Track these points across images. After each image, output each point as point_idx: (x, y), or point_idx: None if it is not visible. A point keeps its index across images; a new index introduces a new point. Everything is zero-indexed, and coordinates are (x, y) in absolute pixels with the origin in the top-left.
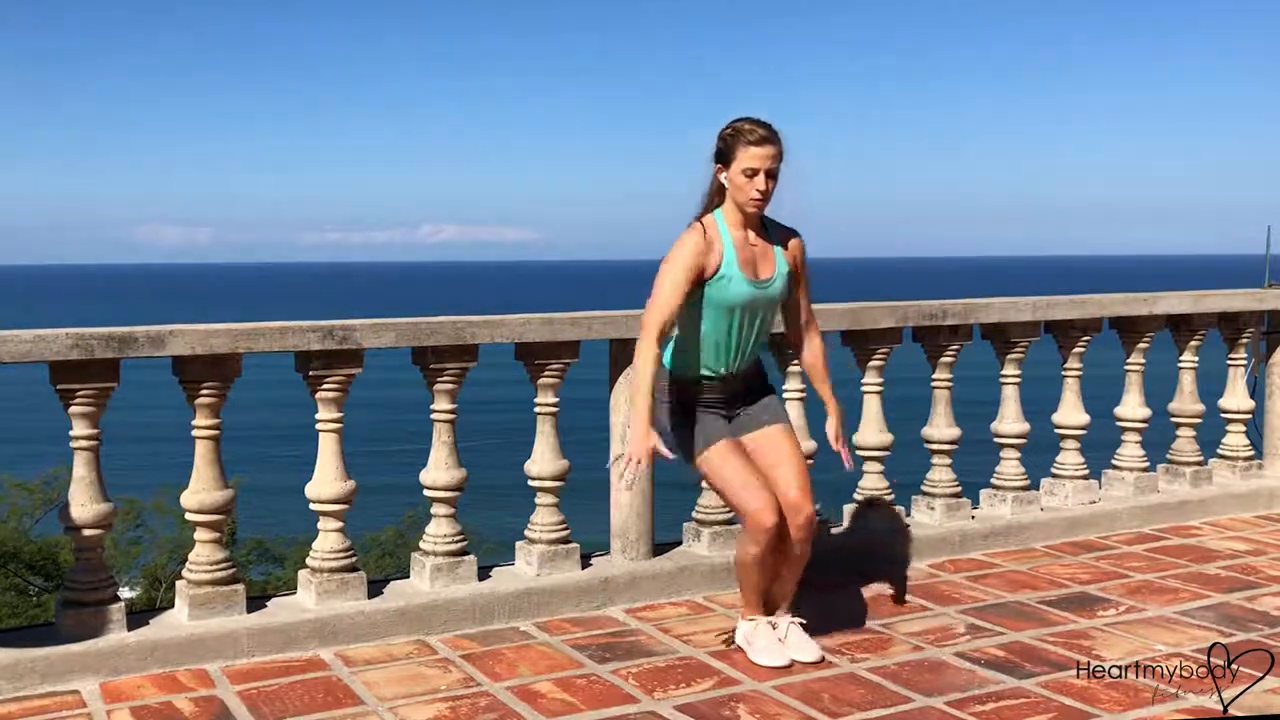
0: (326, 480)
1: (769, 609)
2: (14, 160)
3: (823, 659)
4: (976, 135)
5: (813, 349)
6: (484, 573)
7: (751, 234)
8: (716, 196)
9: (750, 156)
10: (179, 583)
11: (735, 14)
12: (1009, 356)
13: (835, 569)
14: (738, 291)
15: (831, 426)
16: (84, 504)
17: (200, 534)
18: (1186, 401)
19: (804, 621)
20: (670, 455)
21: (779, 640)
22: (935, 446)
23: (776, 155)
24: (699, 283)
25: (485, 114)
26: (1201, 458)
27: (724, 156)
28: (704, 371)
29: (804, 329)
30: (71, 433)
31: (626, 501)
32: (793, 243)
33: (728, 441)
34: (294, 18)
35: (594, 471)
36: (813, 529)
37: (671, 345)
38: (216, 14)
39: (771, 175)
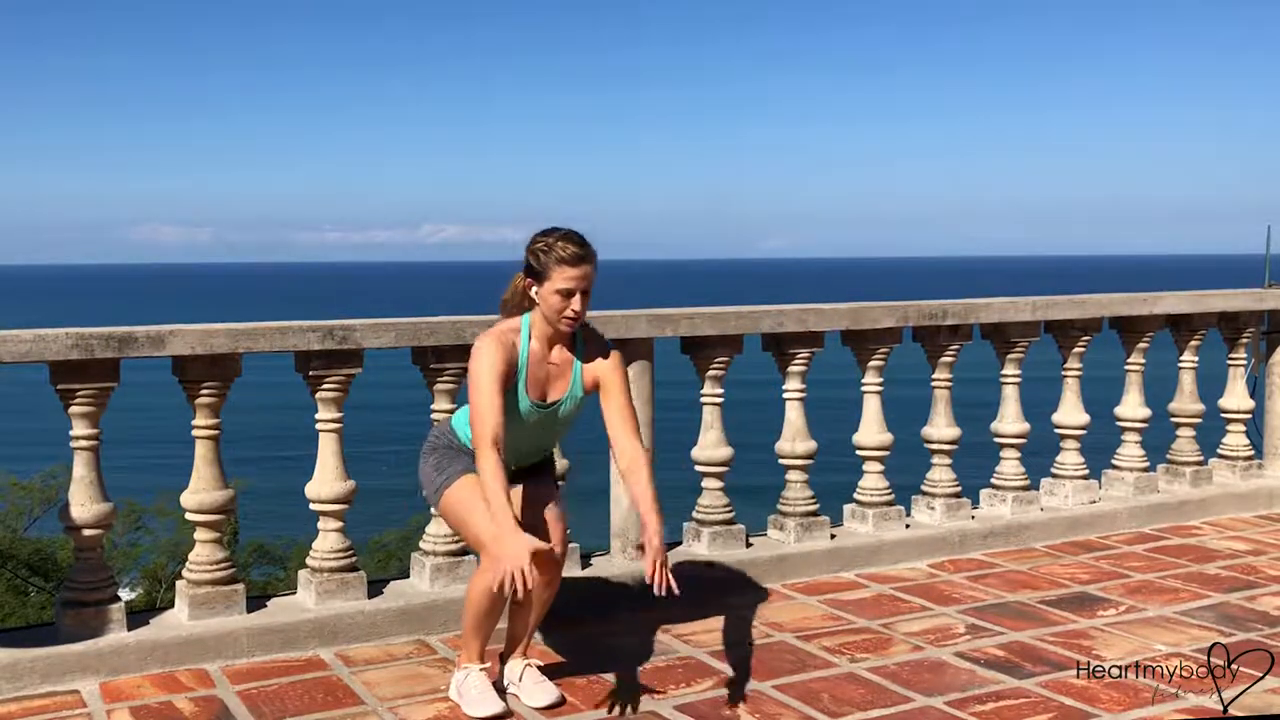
0: (326, 480)
1: (506, 652)
2: (14, 160)
3: (562, 701)
4: (976, 135)
5: (628, 455)
6: None
7: (555, 350)
8: (523, 302)
9: (565, 277)
10: (179, 583)
11: (735, 13)
12: (1009, 356)
13: (834, 571)
14: (522, 409)
15: (649, 546)
16: (84, 504)
17: (200, 534)
18: (1186, 401)
19: (540, 664)
20: (530, 581)
21: (513, 683)
22: (935, 446)
23: (590, 274)
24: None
25: (485, 114)
26: (1201, 458)
27: (535, 273)
28: None
29: (618, 438)
30: (71, 433)
31: (626, 502)
32: (600, 363)
33: (473, 477)
34: (294, 17)
35: (594, 472)
36: (558, 571)
37: (463, 419)
38: (217, 13)
39: (586, 295)
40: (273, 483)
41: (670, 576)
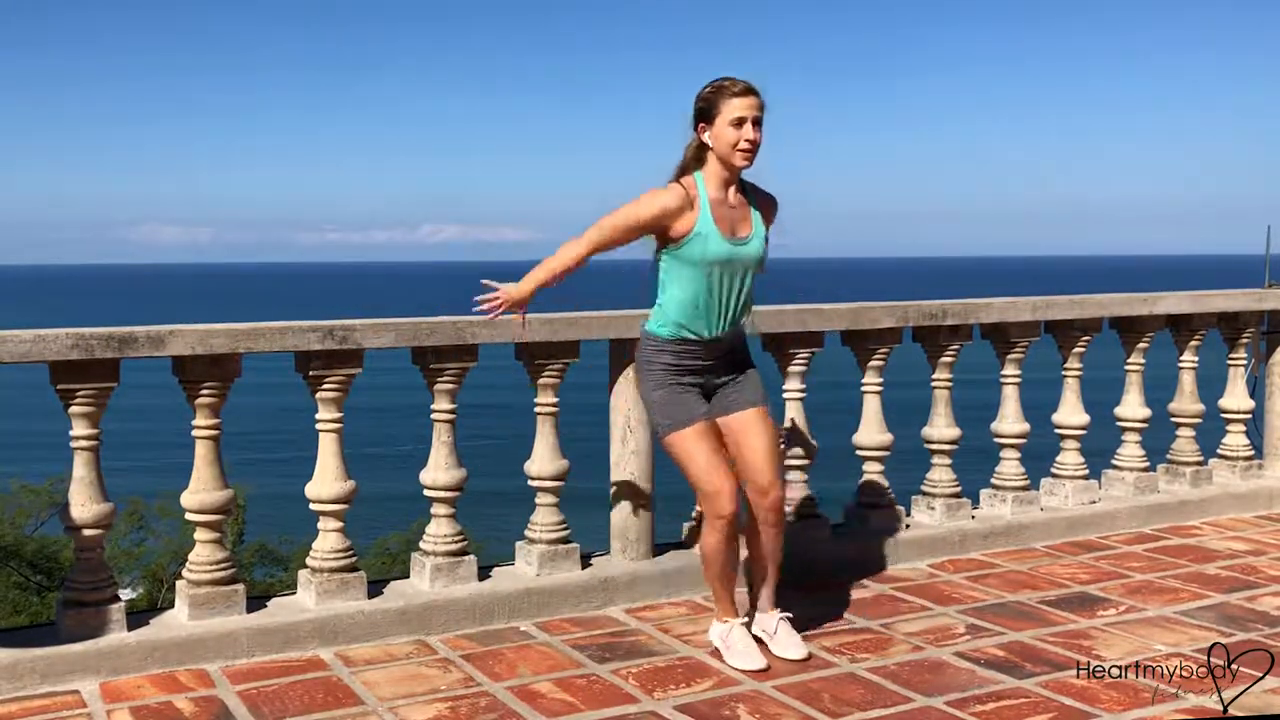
0: (326, 480)
1: (751, 606)
2: (13, 160)
3: (809, 656)
4: (976, 135)
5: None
6: (484, 573)
7: (731, 194)
8: (694, 161)
9: (736, 106)
10: (179, 583)
11: (735, 13)
12: (1009, 356)
13: (831, 571)
14: (714, 249)
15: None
16: (84, 504)
17: (200, 534)
18: (1186, 401)
19: (791, 616)
20: (522, 331)
21: (766, 635)
22: (935, 446)
23: (761, 105)
24: (671, 240)
25: (485, 113)
26: (1201, 458)
27: (707, 114)
28: (687, 334)
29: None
30: (71, 433)
31: (626, 502)
32: (772, 209)
33: (701, 425)
34: (294, 17)
35: (594, 472)
36: (782, 513)
37: (656, 310)
38: (217, 13)
39: (758, 124)
40: (275, 484)
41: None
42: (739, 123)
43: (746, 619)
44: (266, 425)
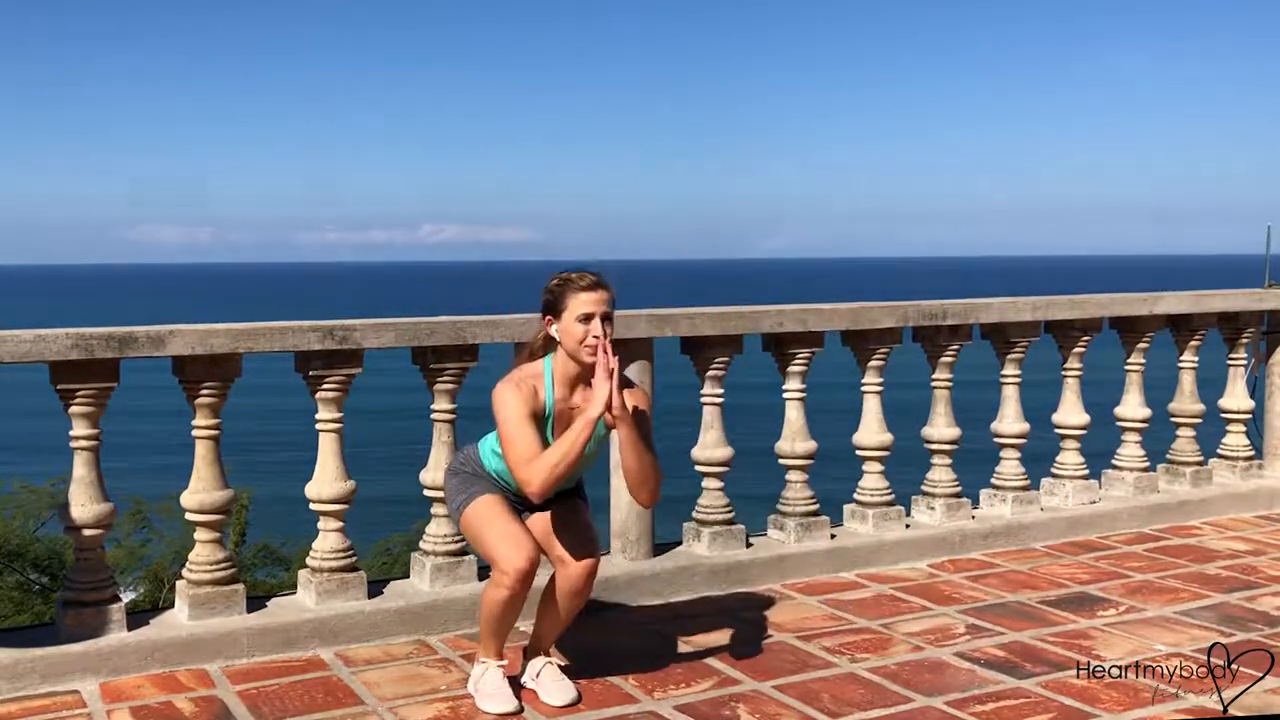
0: (326, 480)
1: (529, 649)
2: (13, 159)
3: (579, 699)
4: (976, 135)
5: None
6: (484, 573)
7: (576, 393)
8: (540, 351)
9: (583, 301)
10: (179, 583)
11: (735, 13)
12: (1009, 356)
13: (830, 571)
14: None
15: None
16: (84, 504)
17: (200, 534)
18: (1186, 401)
19: (563, 663)
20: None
21: (532, 680)
22: (935, 446)
23: (610, 300)
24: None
25: (485, 113)
26: (1201, 458)
27: (553, 308)
28: (513, 485)
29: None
30: (71, 433)
31: (626, 502)
32: (629, 393)
33: (502, 499)
34: (294, 17)
35: (593, 474)
36: (591, 583)
37: (488, 442)
38: (217, 13)
39: (607, 319)
40: (277, 486)
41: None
42: (586, 318)
43: (504, 663)
44: (267, 427)
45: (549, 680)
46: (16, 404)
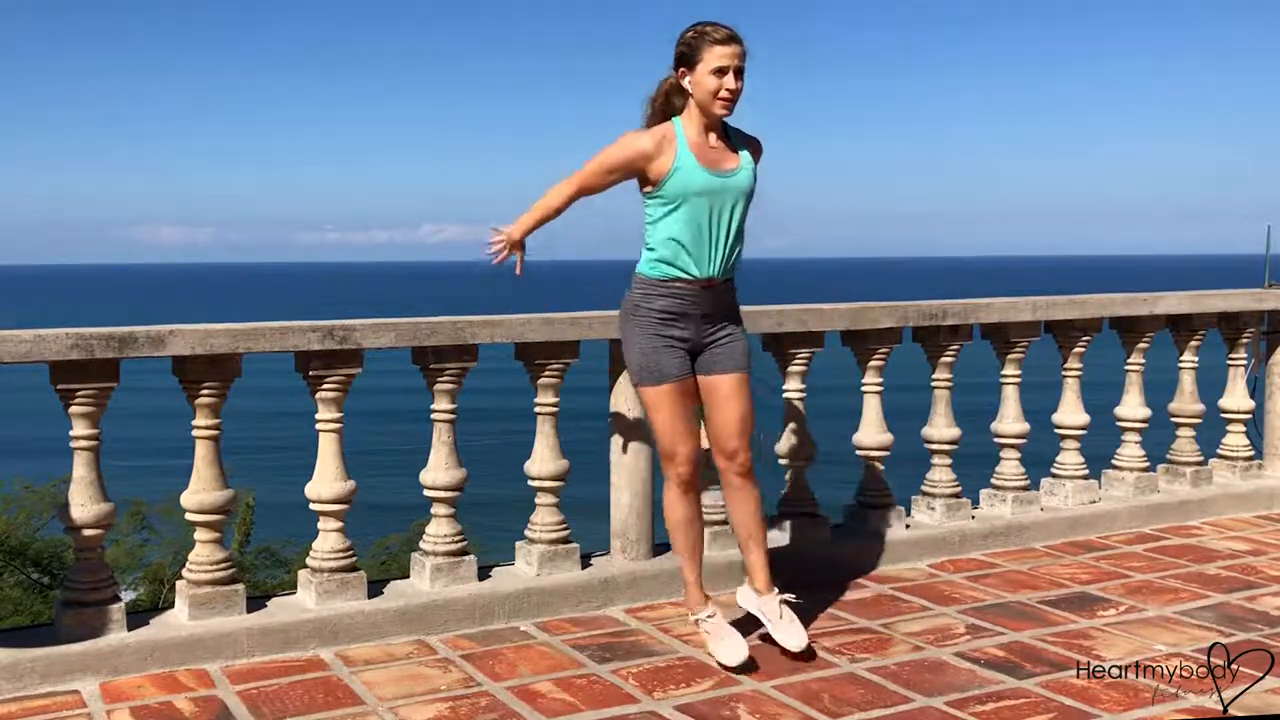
0: (326, 480)
1: (754, 583)
2: (14, 159)
3: (808, 649)
4: (976, 134)
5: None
6: (484, 573)
7: (712, 138)
8: (666, 102)
9: (718, 55)
10: (179, 583)
11: (734, 11)
12: (1009, 356)
13: (831, 571)
14: (697, 181)
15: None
16: (84, 504)
17: (200, 534)
18: (1186, 401)
19: (793, 599)
20: (519, 271)
21: (766, 619)
22: (935, 446)
23: (743, 54)
24: (652, 183)
25: (485, 113)
26: (1201, 458)
27: (688, 60)
28: (678, 274)
29: None
30: (71, 433)
31: (626, 502)
32: (757, 150)
33: (676, 385)
34: (294, 17)
35: (593, 473)
36: (751, 475)
37: (645, 254)
38: (217, 13)
39: (739, 74)
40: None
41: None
42: (720, 71)
43: (714, 612)
44: (267, 428)
45: (786, 621)
46: (17, 405)
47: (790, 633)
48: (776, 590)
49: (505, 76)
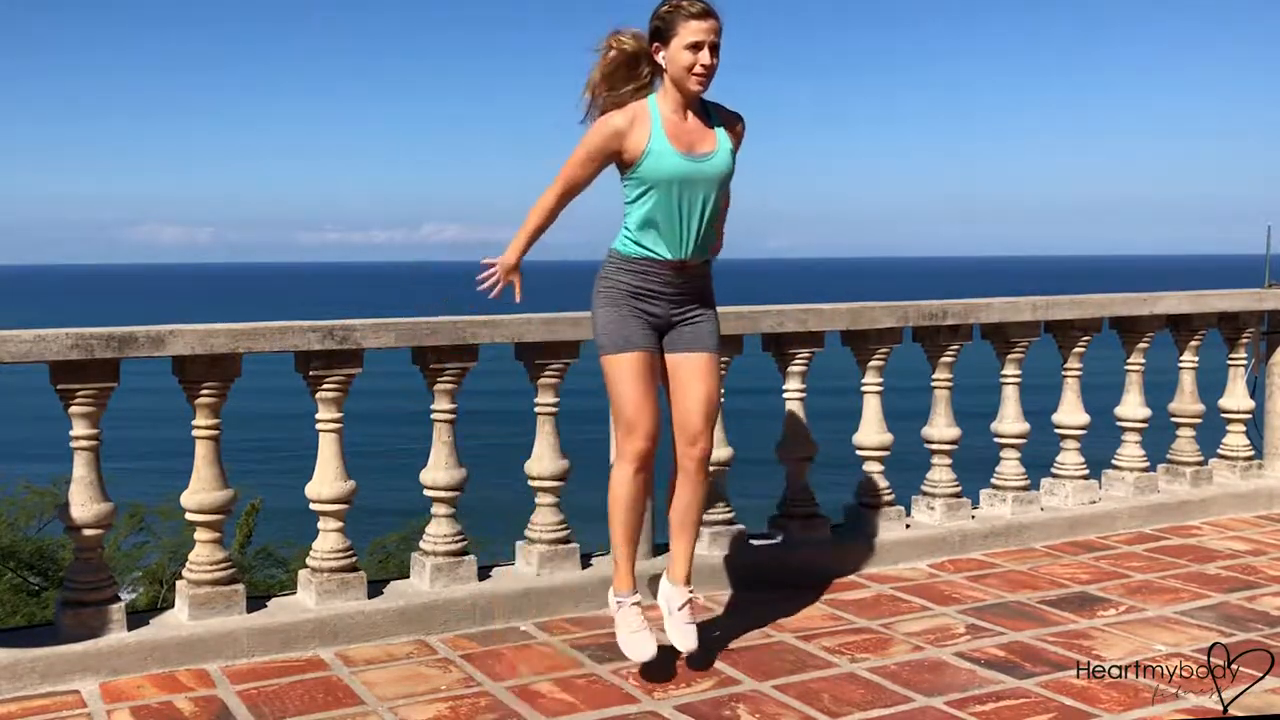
0: (327, 480)
1: (671, 572)
2: (14, 160)
3: (696, 651)
4: (976, 134)
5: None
6: (484, 573)
7: (689, 115)
8: (636, 84)
9: (692, 30)
10: (179, 583)
11: (736, 15)
12: (1009, 356)
13: (831, 571)
14: (669, 165)
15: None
16: (84, 504)
17: (200, 534)
18: (1186, 401)
19: (695, 598)
20: (518, 298)
21: (665, 610)
22: (935, 446)
23: (718, 29)
24: (626, 164)
25: (485, 113)
26: (1201, 458)
27: (661, 34)
28: (650, 254)
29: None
30: (71, 433)
31: None
32: (737, 123)
33: (642, 355)
34: (294, 17)
35: (593, 471)
36: (706, 467)
37: (620, 232)
38: (217, 13)
39: (714, 50)
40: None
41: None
42: (695, 46)
43: (636, 597)
44: (268, 432)
45: (679, 619)
46: (18, 406)
47: (683, 633)
48: (689, 588)
49: (506, 75)
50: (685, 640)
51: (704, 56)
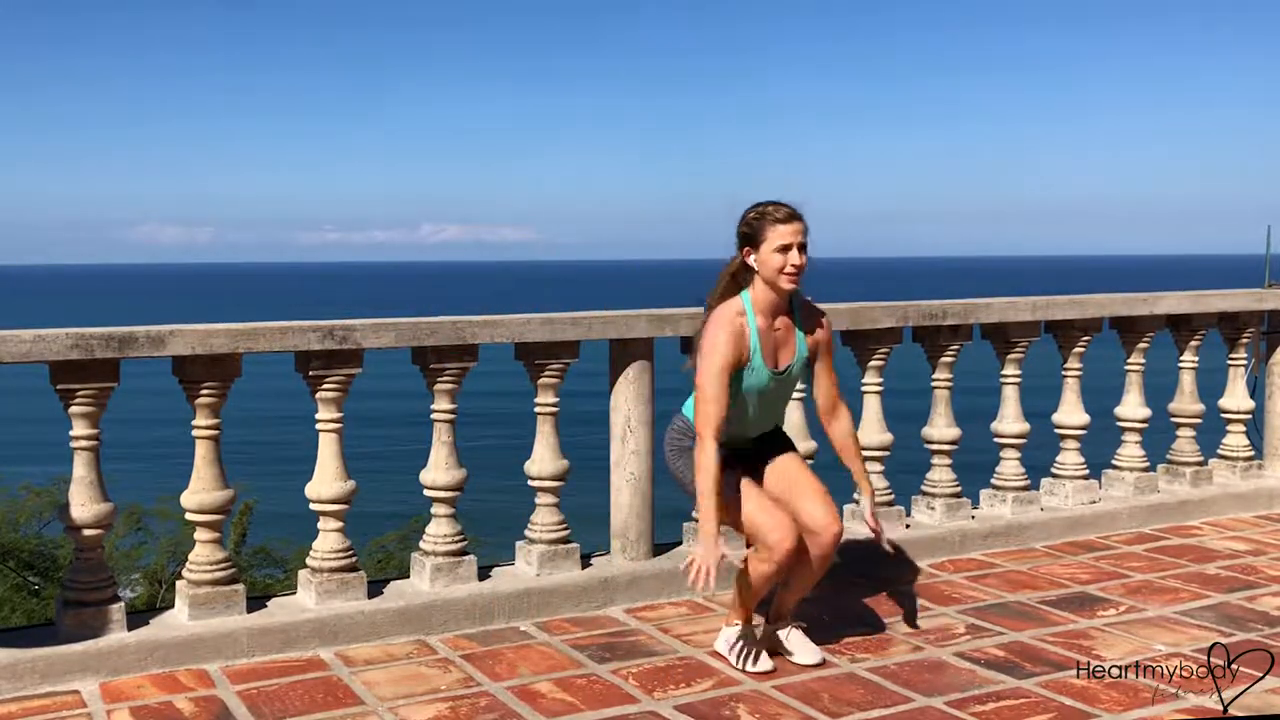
0: (326, 480)
1: (773, 618)
2: (14, 160)
3: (823, 661)
4: (976, 134)
5: (840, 426)
6: (484, 573)
7: (777, 320)
8: (734, 279)
9: (781, 234)
10: (179, 583)
11: (734, 12)
12: (1009, 356)
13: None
14: (758, 382)
15: (865, 506)
16: (84, 504)
17: (200, 534)
18: (1186, 401)
19: (805, 626)
20: (739, 563)
21: (781, 642)
22: (935, 447)
23: (804, 229)
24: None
25: (486, 113)
26: (1201, 458)
27: (751, 239)
28: (727, 437)
29: (831, 406)
30: (71, 433)
31: (626, 502)
32: (818, 326)
33: (740, 470)
34: (294, 17)
35: (593, 471)
36: (837, 546)
37: (691, 405)
38: (217, 14)
39: (802, 249)
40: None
41: (881, 529)
42: (784, 249)
43: (758, 624)
44: (268, 433)
45: (798, 641)
46: (19, 406)
47: (805, 650)
48: (792, 621)
49: (506, 76)
50: (812, 654)
51: (794, 257)
